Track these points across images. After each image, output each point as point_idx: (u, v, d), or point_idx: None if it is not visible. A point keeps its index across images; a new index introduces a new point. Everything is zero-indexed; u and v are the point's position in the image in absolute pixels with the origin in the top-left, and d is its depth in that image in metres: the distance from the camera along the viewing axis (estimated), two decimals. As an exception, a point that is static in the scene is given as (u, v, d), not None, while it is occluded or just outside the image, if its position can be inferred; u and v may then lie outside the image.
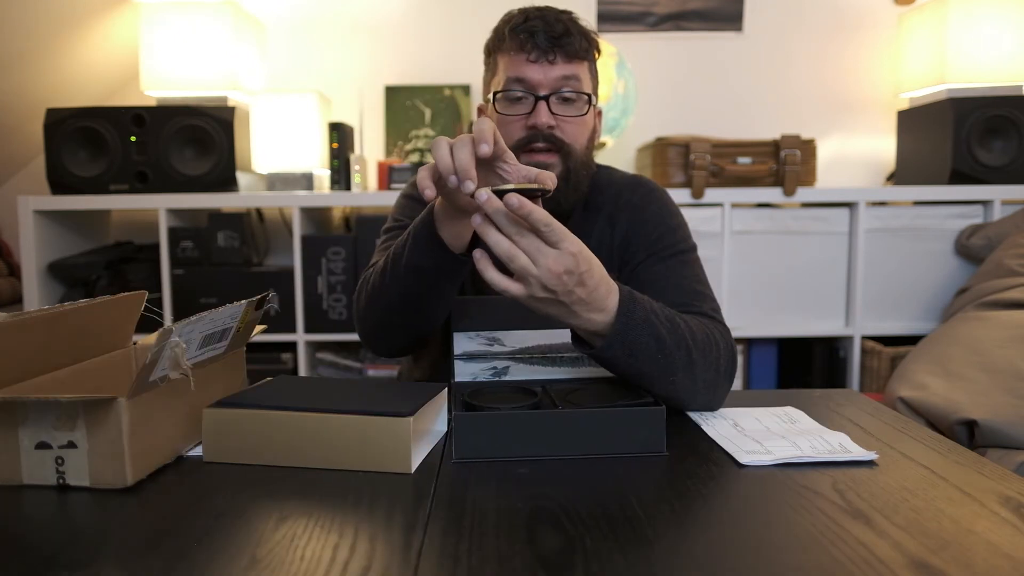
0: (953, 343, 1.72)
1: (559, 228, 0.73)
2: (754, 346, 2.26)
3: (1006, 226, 2.00)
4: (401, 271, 0.93)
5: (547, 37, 1.02)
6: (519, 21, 1.04)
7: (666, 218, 1.11)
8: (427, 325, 0.99)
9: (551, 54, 1.02)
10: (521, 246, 0.73)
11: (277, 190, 2.19)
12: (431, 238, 0.88)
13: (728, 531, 0.58)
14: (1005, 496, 0.64)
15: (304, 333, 2.08)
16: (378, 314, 1.00)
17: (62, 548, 0.56)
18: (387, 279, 0.96)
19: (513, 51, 1.04)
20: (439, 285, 0.93)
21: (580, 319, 0.79)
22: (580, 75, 1.05)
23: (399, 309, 0.97)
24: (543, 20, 1.03)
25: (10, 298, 2.21)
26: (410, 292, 0.94)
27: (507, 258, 0.73)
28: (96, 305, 0.80)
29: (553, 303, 0.76)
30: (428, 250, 0.89)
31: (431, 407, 0.82)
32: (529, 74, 1.03)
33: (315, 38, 2.45)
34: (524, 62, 1.03)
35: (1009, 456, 1.41)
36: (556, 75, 1.03)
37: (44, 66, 2.13)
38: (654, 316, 0.83)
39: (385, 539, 0.57)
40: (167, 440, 0.73)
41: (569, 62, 1.04)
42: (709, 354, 0.89)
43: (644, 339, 0.81)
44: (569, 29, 1.03)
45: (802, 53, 2.49)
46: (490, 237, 0.73)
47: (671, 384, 0.85)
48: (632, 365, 0.82)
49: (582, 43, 1.04)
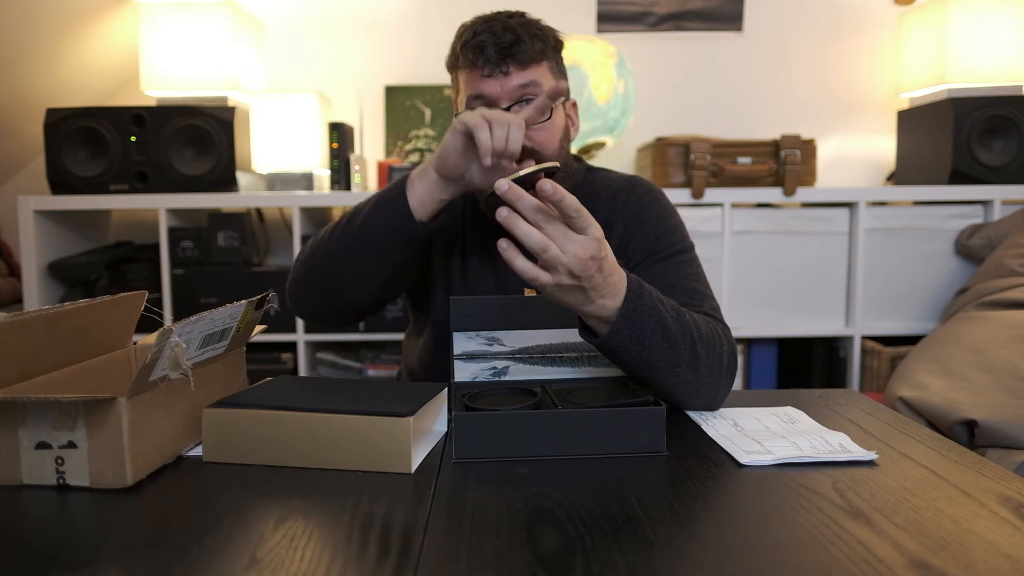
0: (953, 343, 1.72)
1: (587, 214, 0.74)
2: (754, 346, 2.26)
3: (1006, 226, 2.00)
4: (355, 228, 0.96)
5: (497, 50, 1.00)
6: (468, 37, 1.02)
7: (664, 218, 1.11)
8: (357, 293, 1.01)
9: (503, 66, 1.01)
10: (548, 234, 0.73)
11: (277, 190, 2.19)
12: (399, 197, 0.93)
13: (728, 531, 0.58)
14: (1005, 496, 0.64)
15: (304, 333, 2.08)
16: (316, 267, 1.01)
17: (62, 548, 0.56)
18: (336, 234, 0.99)
19: (468, 68, 1.03)
20: (387, 249, 0.96)
21: (593, 304, 0.78)
22: (538, 79, 1.03)
23: (339, 265, 0.98)
24: (490, 33, 1.01)
25: (10, 298, 2.21)
26: (355, 250, 0.97)
27: (540, 248, 0.73)
28: (96, 305, 0.80)
29: (574, 290, 0.76)
30: (390, 211, 0.93)
31: (431, 407, 0.82)
32: (486, 89, 1.02)
33: (315, 38, 2.45)
34: (479, 78, 1.02)
35: (1009, 456, 1.41)
36: (513, 85, 1.01)
37: (44, 66, 2.13)
38: (660, 304, 0.83)
39: (385, 539, 0.57)
40: (167, 440, 0.73)
41: (524, 69, 1.02)
42: (713, 349, 0.89)
43: (650, 326, 0.81)
44: (519, 35, 1.01)
45: (802, 53, 2.49)
46: (520, 229, 0.72)
47: (675, 377, 0.85)
48: (638, 353, 0.82)
49: (535, 46, 1.02)
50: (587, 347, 0.96)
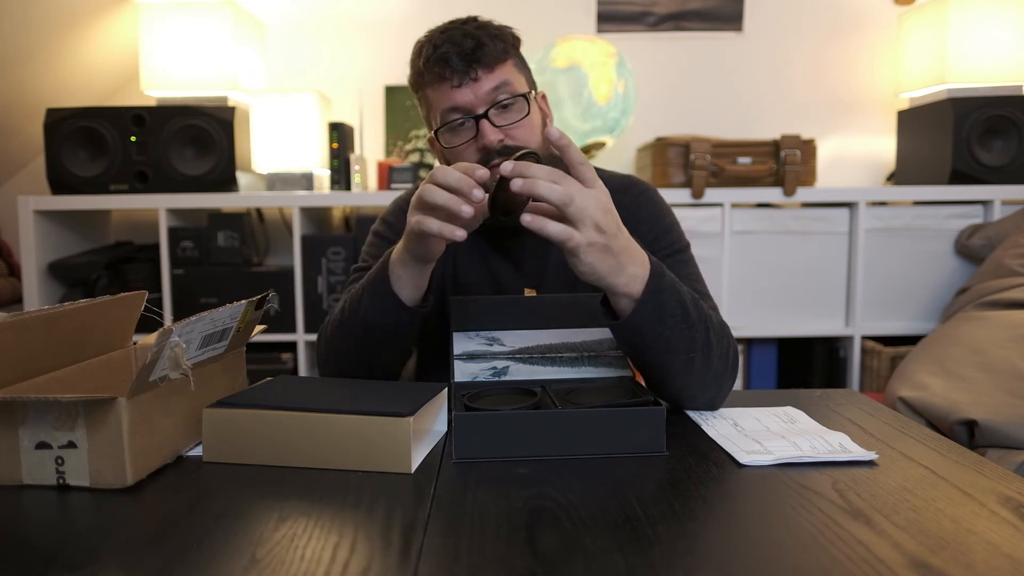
0: (953, 343, 1.72)
1: (591, 167, 0.76)
2: (754, 346, 2.26)
3: (1006, 226, 2.00)
4: (357, 327, 0.95)
5: (461, 58, 0.99)
6: (430, 52, 1.01)
7: (661, 218, 1.11)
8: (380, 369, 1.00)
9: (471, 72, 1.00)
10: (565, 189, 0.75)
11: (277, 190, 2.19)
12: (387, 294, 0.91)
13: (728, 531, 0.58)
14: (1005, 496, 0.64)
15: (304, 333, 2.08)
16: (335, 352, 1.02)
17: (62, 548, 0.56)
18: (343, 332, 0.98)
19: (436, 83, 1.02)
20: (395, 339, 0.95)
21: (625, 274, 0.79)
22: (508, 77, 1.02)
23: (356, 358, 0.99)
24: (451, 43, 1.00)
25: (10, 298, 2.21)
26: (365, 346, 0.96)
27: (565, 200, 0.74)
28: (96, 305, 0.80)
29: (605, 253, 0.77)
30: (384, 306, 0.92)
31: (431, 407, 0.82)
32: (459, 99, 1.01)
33: (315, 38, 2.45)
34: (450, 90, 1.01)
35: (1009, 456, 1.41)
36: (485, 89, 1.01)
37: (44, 66, 2.13)
38: (679, 284, 0.85)
39: (385, 539, 0.57)
40: (167, 440, 0.73)
41: (491, 71, 1.01)
42: (722, 340, 0.90)
43: (672, 304, 0.82)
44: (479, 39, 1.00)
45: (802, 53, 2.49)
46: (541, 186, 0.74)
47: (689, 364, 0.86)
48: (661, 334, 0.83)
49: (497, 46, 1.01)
50: (587, 347, 0.96)
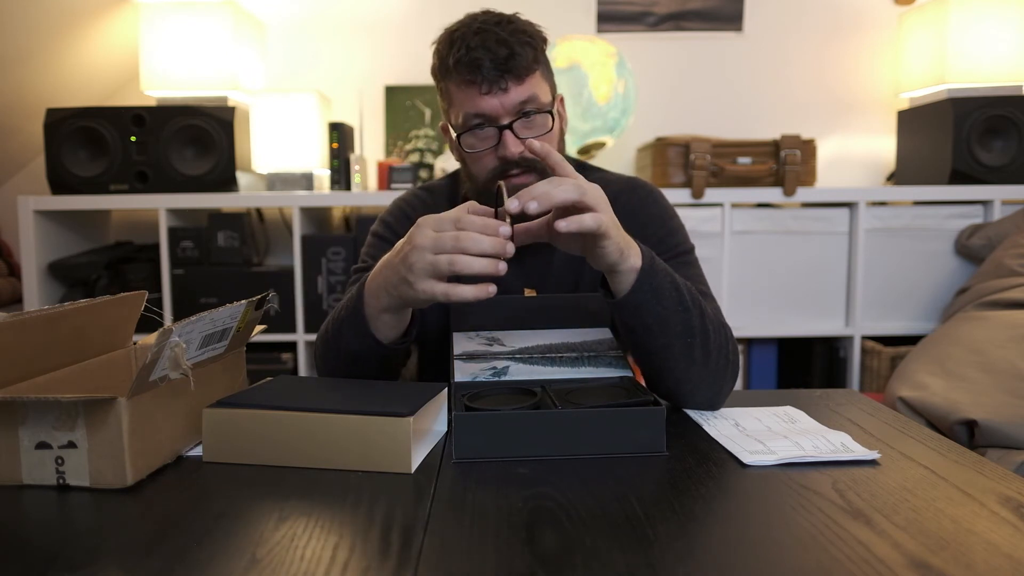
0: (953, 343, 1.72)
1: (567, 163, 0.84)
2: (754, 346, 2.26)
3: (1006, 226, 2.00)
4: (343, 351, 0.95)
5: (494, 66, 0.97)
6: (462, 54, 0.98)
7: (666, 220, 1.11)
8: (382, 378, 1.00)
9: (502, 82, 0.98)
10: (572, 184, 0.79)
11: (277, 190, 2.19)
12: (367, 335, 0.90)
13: (728, 531, 0.58)
14: (1005, 496, 0.64)
15: (304, 333, 2.08)
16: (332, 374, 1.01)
17: (62, 548, 0.56)
18: (330, 352, 0.97)
19: (463, 84, 1.00)
20: (380, 364, 0.95)
21: (633, 251, 0.83)
22: (536, 90, 1.01)
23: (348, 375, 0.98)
24: (485, 48, 0.97)
25: (10, 298, 2.21)
26: (354, 367, 0.96)
27: (579, 194, 0.78)
28: (96, 305, 0.80)
29: (619, 228, 0.82)
30: (364, 344, 0.91)
31: (431, 407, 0.82)
32: (485, 108, 0.99)
33: (315, 38, 2.45)
34: (477, 95, 0.99)
35: (1009, 456, 1.41)
36: (513, 101, 0.99)
37: (44, 66, 2.13)
38: (670, 270, 0.88)
39: (385, 539, 0.57)
40: (167, 440, 0.73)
41: (521, 83, 0.99)
42: (720, 333, 0.91)
43: (666, 285, 0.85)
44: (513, 49, 0.97)
45: (802, 53, 2.49)
46: (557, 196, 0.77)
47: (688, 348, 0.86)
48: (659, 313, 0.85)
49: (528, 54, 0.99)
50: (587, 347, 0.96)
